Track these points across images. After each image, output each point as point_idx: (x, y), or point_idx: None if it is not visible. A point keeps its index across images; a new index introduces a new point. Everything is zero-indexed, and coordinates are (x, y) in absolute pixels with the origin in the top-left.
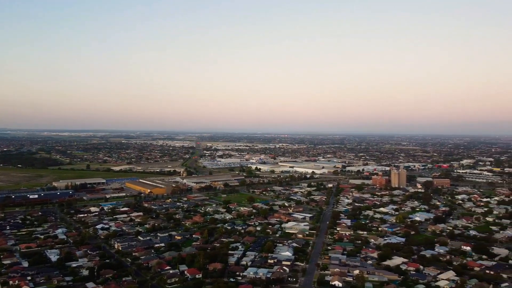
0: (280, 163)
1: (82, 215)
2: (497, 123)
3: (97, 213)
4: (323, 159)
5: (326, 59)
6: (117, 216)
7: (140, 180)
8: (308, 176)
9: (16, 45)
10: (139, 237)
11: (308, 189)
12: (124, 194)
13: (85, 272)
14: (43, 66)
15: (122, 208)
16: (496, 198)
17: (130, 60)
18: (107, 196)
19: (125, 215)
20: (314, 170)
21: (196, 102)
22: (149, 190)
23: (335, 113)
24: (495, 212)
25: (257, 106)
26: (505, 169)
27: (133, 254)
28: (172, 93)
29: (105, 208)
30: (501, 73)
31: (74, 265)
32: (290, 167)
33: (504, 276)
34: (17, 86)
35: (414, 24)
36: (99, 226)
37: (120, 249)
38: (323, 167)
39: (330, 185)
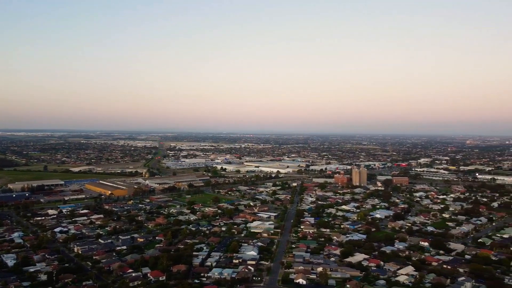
0: (245, 163)
1: (39, 218)
2: (452, 124)
3: (55, 216)
4: (287, 159)
5: (289, 59)
6: (77, 218)
7: (101, 181)
8: (273, 175)
9: None
10: (99, 240)
11: (273, 188)
12: (83, 196)
13: (43, 277)
14: None
15: (82, 210)
16: (452, 195)
17: (82, 58)
18: (66, 198)
19: (85, 218)
20: (279, 170)
21: (159, 101)
22: (110, 192)
23: (300, 114)
24: (451, 209)
25: (223, 106)
26: (460, 167)
27: (94, 257)
28: (133, 93)
29: (63, 210)
30: (458, 75)
31: (31, 270)
32: (256, 166)
33: (461, 270)
34: None
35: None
36: (57, 229)
37: (80, 252)
38: (287, 167)
39: (294, 184)
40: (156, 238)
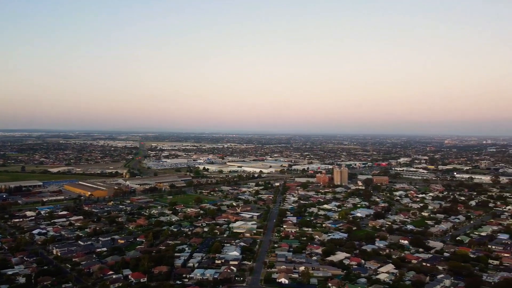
0: (228, 163)
1: (17, 220)
2: (431, 124)
3: (33, 217)
4: (270, 159)
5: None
6: (55, 220)
7: (80, 182)
8: (256, 175)
9: None
10: (79, 241)
11: (256, 188)
12: (62, 197)
13: (22, 280)
14: None
15: (61, 212)
16: (431, 194)
17: (66, 57)
18: (44, 199)
19: (64, 219)
20: (262, 170)
21: (140, 101)
22: (89, 193)
23: (282, 114)
24: (430, 207)
25: (206, 106)
26: (438, 166)
27: (73, 259)
28: (112, 92)
29: (42, 212)
30: (435, 77)
31: (9, 273)
32: (238, 166)
33: (440, 268)
34: None
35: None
36: (35, 231)
37: (59, 254)
38: (270, 166)
39: (277, 184)
40: (137, 239)
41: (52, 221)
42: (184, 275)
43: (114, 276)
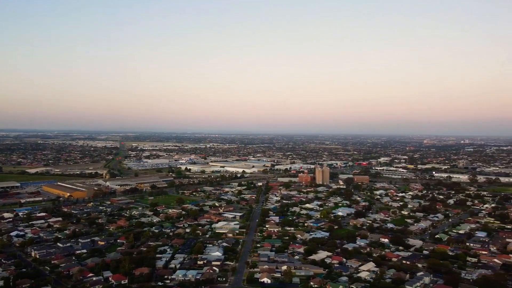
0: (211, 163)
1: None
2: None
3: (11, 219)
4: (253, 159)
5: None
6: (34, 222)
7: (59, 183)
8: (238, 175)
9: None
10: (58, 243)
11: (239, 188)
12: (41, 199)
13: (0, 283)
14: None
15: (39, 213)
16: (410, 193)
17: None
18: (22, 201)
19: (43, 221)
20: (245, 169)
21: (120, 100)
22: (68, 194)
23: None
24: (409, 206)
25: (187, 106)
26: (418, 166)
27: (52, 262)
28: (91, 91)
29: (20, 214)
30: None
31: None
32: (221, 166)
33: (419, 265)
34: None
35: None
36: (13, 233)
37: (38, 257)
38: (253, 166)
39: (260, 184)
40: (118, 241)
41: (30, 222)
42: (166, 277)
43: (94, 278)
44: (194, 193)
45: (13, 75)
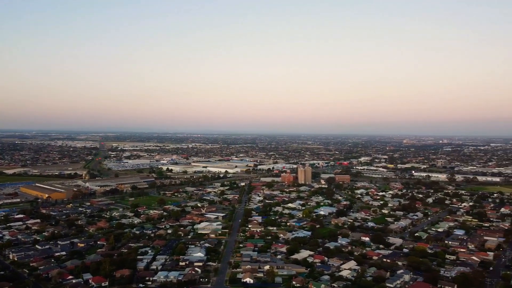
0: (193, 163)
1: None
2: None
3: None
4: (236, 159)
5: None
6: (11, 224)
7: (37, 184)
8: (221, 175)
9: None
10: (37, 246)
11: (221, 188)
12: (18, 200)
13: None
14: None
15: (17, 215)
16: (391, 192)
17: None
18: None
19: (21, 223)
20: (227, 170)
21: (100, 99)
22: (47, 195)
23: (249, 114)
24: (389, 205)
25: (168, 106)
26: (397, 165)
27: (31, 264)
28: (71, 90)
29: None
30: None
31: None
32: (204, 167)
33: (399, 263)
34: None
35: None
36: None
37: (16, 259)
38: (236, 166)
39: (242, 184)
40: (98, 242)
41: (7, 224)
42: (147, 278)
43: (74, 281)
44: (176, 194)
45: None
